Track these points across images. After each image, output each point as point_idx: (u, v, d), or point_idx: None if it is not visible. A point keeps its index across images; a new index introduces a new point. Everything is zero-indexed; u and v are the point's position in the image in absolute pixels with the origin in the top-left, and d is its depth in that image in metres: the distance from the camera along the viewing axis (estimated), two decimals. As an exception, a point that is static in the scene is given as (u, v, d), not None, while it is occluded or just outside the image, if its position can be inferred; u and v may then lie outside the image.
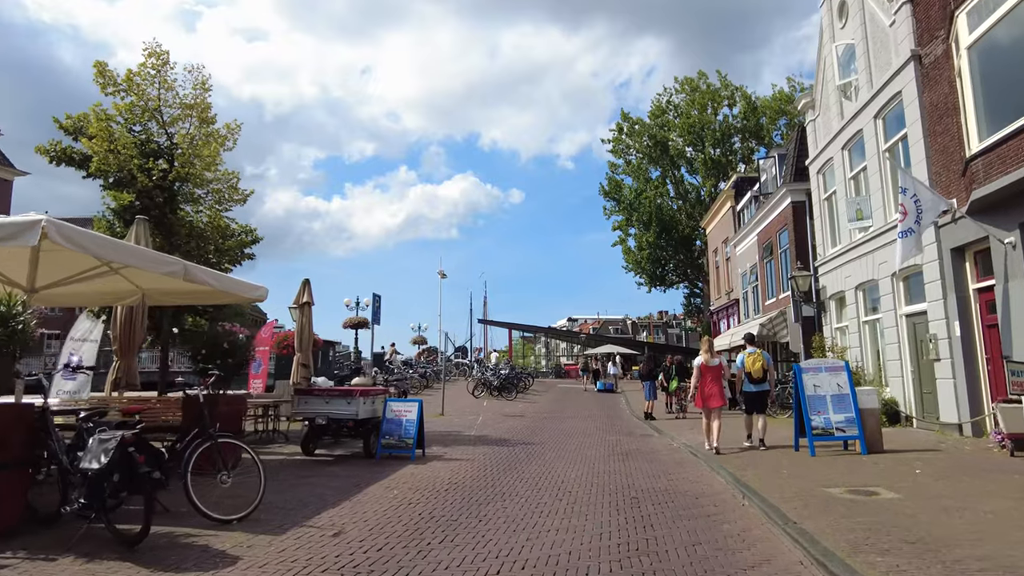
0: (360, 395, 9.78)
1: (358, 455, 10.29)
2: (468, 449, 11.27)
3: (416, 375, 28.56)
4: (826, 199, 18.42)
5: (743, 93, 46.50)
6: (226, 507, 5.68)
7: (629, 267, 48.92)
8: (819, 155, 18.44)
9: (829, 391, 10.08)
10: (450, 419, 17.72)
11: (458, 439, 12.89)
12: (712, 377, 10.73)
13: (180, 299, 11.17)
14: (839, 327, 17.89)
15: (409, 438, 9.89)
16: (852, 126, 15.83)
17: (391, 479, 8.18)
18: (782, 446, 11.14)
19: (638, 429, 15.61)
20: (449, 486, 7.75)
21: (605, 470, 9.15)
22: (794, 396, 10.53)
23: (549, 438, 13.36)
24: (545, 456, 10.60)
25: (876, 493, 6.70)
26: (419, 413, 9.99)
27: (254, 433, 12.84)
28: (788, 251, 22.24)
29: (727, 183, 35.28)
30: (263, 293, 10.47)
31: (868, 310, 15.91)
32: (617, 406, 23.05)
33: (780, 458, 9.72)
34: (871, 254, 14.95)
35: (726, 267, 33.16)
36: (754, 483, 7.63)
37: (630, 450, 11.49)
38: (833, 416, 9.92)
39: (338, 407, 9.78)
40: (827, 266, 18.12)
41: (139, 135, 15.18)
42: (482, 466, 9.33)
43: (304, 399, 10.02)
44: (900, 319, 13.81)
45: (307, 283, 16.95)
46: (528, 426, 16.02)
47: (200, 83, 15.31)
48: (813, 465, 8.90)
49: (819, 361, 10.93)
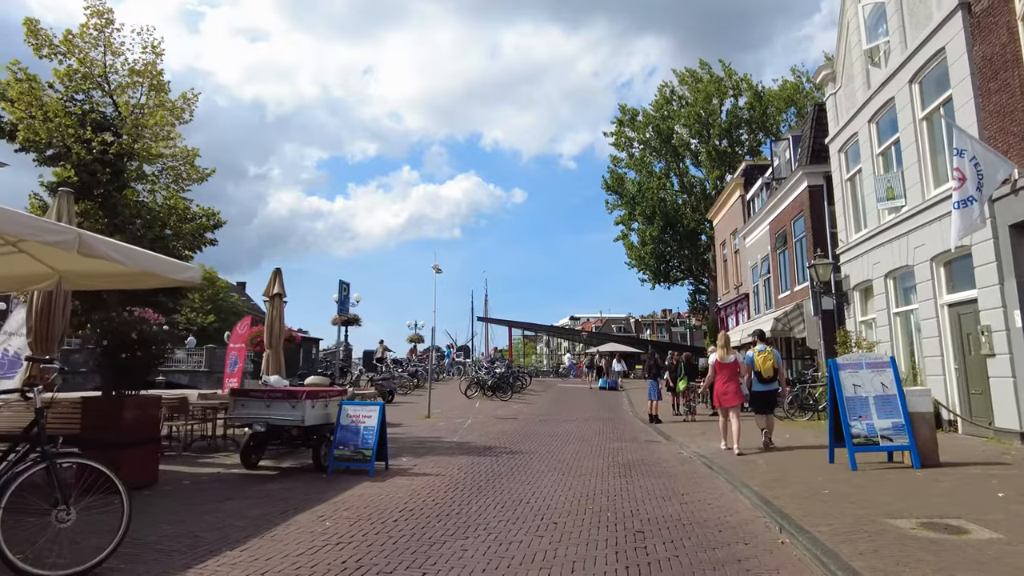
0: (306, 397, 8.12)
1: (309, 468, 8.65)
2: (443, 460, 9.61)
3: (406, 374, 26.93)
4: (849, 180, 16.71)
5: (748, 83, 44.71)
6: (60, 557, 4.03)
7: (632, 263, 47.19)
8: (841, 131, 16.73)
9: (872, 392, 8.39)
10: (435, 422, 16.10)
11: (435, 447, 11.24)
12: (727, 375, 10.25)
13: (102, 282, 9.49)
14: (864, 320, 16.18)
15: (367, 448, 8.22)
16: (881, 95, 14.12)
17: (332, 504, 6.52)
18: (802, 447, 9.51)
19: (642, 434, 13.94)
20: (402, 514, 6.09)
21: (603, 489, 7.48)
22: (828, 397, 8.86)
23: (541, 445, 11.70)
24: (532, 469, 8.93)
25: (964, 530, 5.00)
26: (380, 419, 8.33)
27: (202, 439, 11.22)
28: (804, 239, 20.53)
29: (735, 173, 33.62)
30: (195, 275, 8.76)
31: (900, 300, 14.19)
32: (619, 407, 21.36)
33: (813, 471, 8.05)
34: (904, 237, 13.24)
35: (735, 260, 31.42)
36: (791, 508, 5.97)
37: (633, 461, 9.81)
38: (877, 422, 8.23)
39: (280, 411, 8.13)
40: (850, 253, 16.41)
41: (81, 104, 13.54)
42: (453, 484, 7.66)
43: (241, 402, 8.36)
44: (941, 309, 12.10)
45: (278, 273, 15.24)
46: (520, 430, 14.36)
47: (151, 46, 13.66)
48: (858, 483, 7.22)
49: (859, 356, 9.23)
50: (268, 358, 14.32)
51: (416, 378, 26.91)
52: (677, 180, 45.78)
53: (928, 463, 7.96)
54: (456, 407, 20.36)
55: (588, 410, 20.17)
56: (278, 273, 15.09)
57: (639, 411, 18.83)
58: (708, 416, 16.16)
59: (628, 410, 20.17)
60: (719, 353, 10.47)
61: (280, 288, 14.83)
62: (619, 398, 24.80)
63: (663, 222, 43.58)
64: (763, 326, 20.61)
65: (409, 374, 27.08)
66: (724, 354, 10.41)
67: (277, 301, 14.79)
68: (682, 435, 12.89)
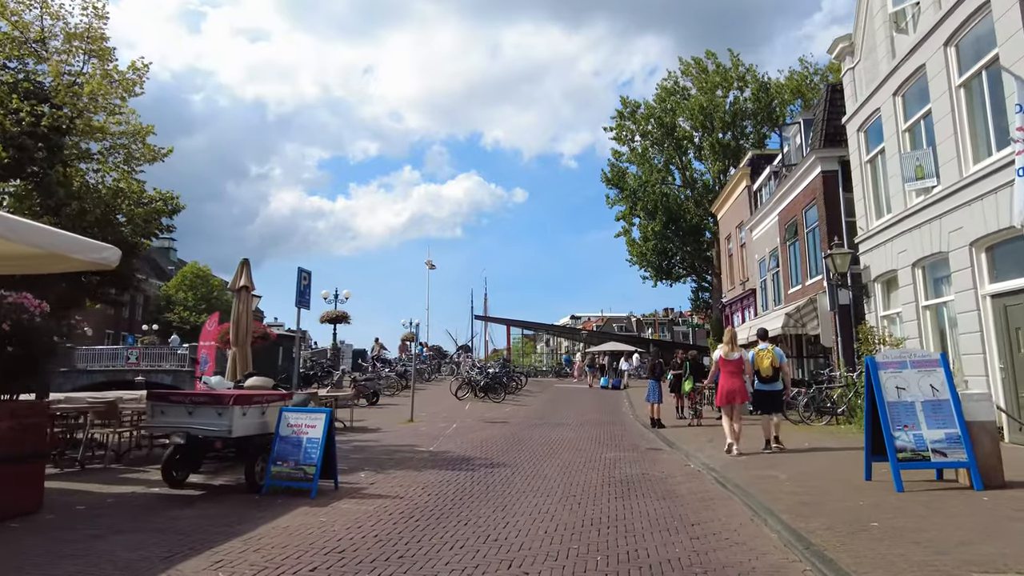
0: (235, 403, 6.69)
1: (243, 487, 7.22)
2: (408, 476, 8.19)
3: (394, 374, 25.49)
4: (869, 161, 15.27)
5: (754, 75, 43.21)
6: None
7: (633, 260, 45.69)
8: (860, 109, 15.29)
9: (919, 396, 6.95)
10: (417, 427, 14.69)
11: (406, 458, 9.82)
12: (729, 372, 9.92)
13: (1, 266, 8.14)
14: (887, 315, 14.74)
15: (310, 464, 6.80)
16: (909, 63, 12.67)
17: (244, 540, 5.09)
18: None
19: (643, 441, 12.51)
20: (327, 559, 4.66)
21: (594, 517, 6.05)
22: (865, 402, 7.41)
23: (528, 455, 10.27)
24: (512, 488, 7.51)
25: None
26: (326, 428, 6.90)
27: (138, 448, 9.83)
28: (817, 230, 19.07)
29: (740, 165, 32.12)
30: (111, 255, 7.39)
31: (930, 292, 12.76)
32: (619, 409, 19.91)
33: (850, 492, 6.62)
34: (936, 221, 11.81)
35: (740, 254, 29.96)
36: (835, 550, 4.55)
37: (633, 476, 8.39)
38: (927, 432, 6.79)
39: (205, 419, 6.71)
40: (871, 242, 14.97)
41: (15, 72, 12.14)
42: (408, 511, 6.24)
43: (160, 408, 6.94)
44: (983, 301, 10.65)
45: (245, 264, 13.77)
46: (508, 436, 12.94)
47: (92, 8, 12.25)
48: (913, 510, 5.79)
49: (901, 353, 7.79)
50: (234, 357, 12.93)
51: (404, 378, 25.46)
52: (679, 174, 44.34)
53: (992, 483, 6.52)
54: (444, 410, 18.94)
55: (585, 413, 18.74)
56: (245, 264, 13.63)
57: (640, 414, 17.40)
58: (715, 420, 14.72)
59: (628, 413, 18.72)
60: (723, 349, 10.15)
61: (248, 280, 13.38)
62: (619, 400, 23.32)
63: (665, 217, 42.13)
64: (773, 323, 19.17)
65: (397, 374, 25.63)
66: (728, 350, 10.05)
67: (244, 294, 13.35)
68: (688, 442, 11.47)
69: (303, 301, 12.20)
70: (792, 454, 9.70)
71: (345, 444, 11.60)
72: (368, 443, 11.77)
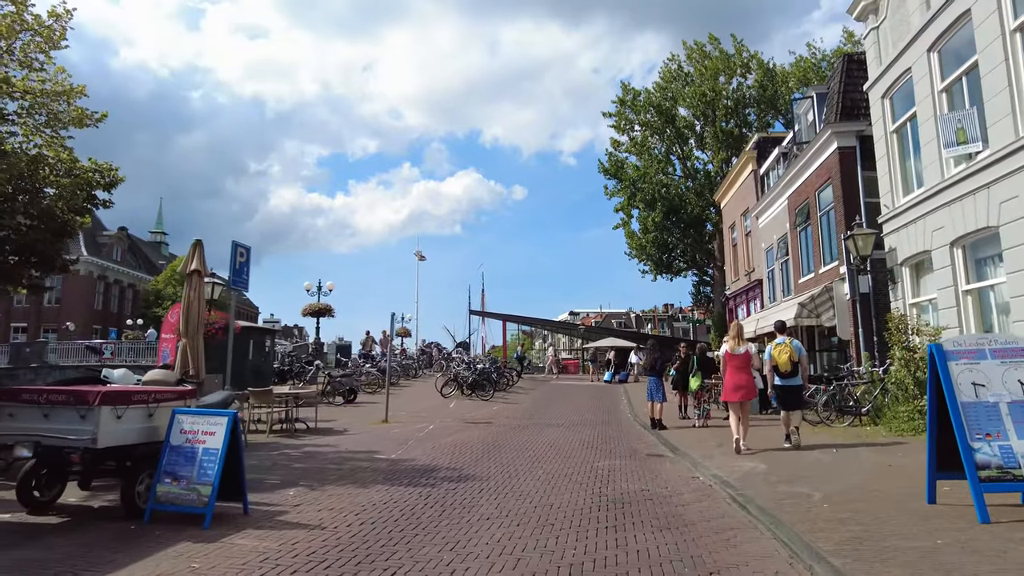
0: (102, 402, 5.05)
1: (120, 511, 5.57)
2: (348, 495, 6.55)
3: (376, 370, 23.84)
4: (895, 131, 13.62)
5: (759, 61, 41.50)
6: None
7: (633, 253, 43.99)
8: (886, 72, 13.62)
9: (1005, 395, 5.31)
10: (390, 428, 13.10)
11: (358, 468, 8.17)
12: (736, 366, 9.53)
13: None
14: (916, 302, 13.11)
15: (205, 483, 5.16)
16: (948, 13, 11.01)
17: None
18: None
19: (643, 445, 10.89)
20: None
21: (574, 559, 4.42)
22: (929, 404, 5.75)
23: (505, 464, 8.64)
24: (475, 512, 5.86)
25: None
26: (227, 436, 5.26)
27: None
28: (832, 212, 17.42)
29: (745, 148, 30.41)
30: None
31: (972, 275, 11.12)
32: (617, 407, 18.27)
33: (913, 521, 5.00)
34: (983, 191, 10.17)
35: (746, 243, 28.30)
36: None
37: (629, 494, 6.74)
38: (1017, 443, 5.16)
39: (63, 424, 5.06)
40: (897, 221, 13.32)
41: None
42: (323, 551, 4.58)
43: (7, 409, 5.29)
44: (1044, 282, 9.03)
45: (198, 245, 12.08)
46: (487, 440, 11.32)
47: (3, -58, 10.54)
48: (1017, 554, 4.16)
49: (979, 338, 6.13)
50: (184, 349, 11.30)
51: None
52: (680, 164, 42.65)
53: (1107, 511, 4.91)
54: (426, 408, 17.34)
55: (579, 411, 17.11)
56: (198, 245, 11.95)
57: (639, 412, 15.77)
58: (722, 420, 13.08)
59: (626, 412, 17.08)
60: (730, 344, 9.76)
61: (200, 264, 11.73)
62: (617, 397, 21.68)
63: (665, 208, 40.44)
64: (784, 314, 17.48)
65: (379, 370, 23.96)
66: (735, 345, 9.67)
67: (196, 279, 11.70)
68: (694, 447, 9.84)
69: (240, 281, 10.55)
70: (819, 463, 8.08)
71: (294, 450, 9.98)
72: (322, 448, 10.15)
